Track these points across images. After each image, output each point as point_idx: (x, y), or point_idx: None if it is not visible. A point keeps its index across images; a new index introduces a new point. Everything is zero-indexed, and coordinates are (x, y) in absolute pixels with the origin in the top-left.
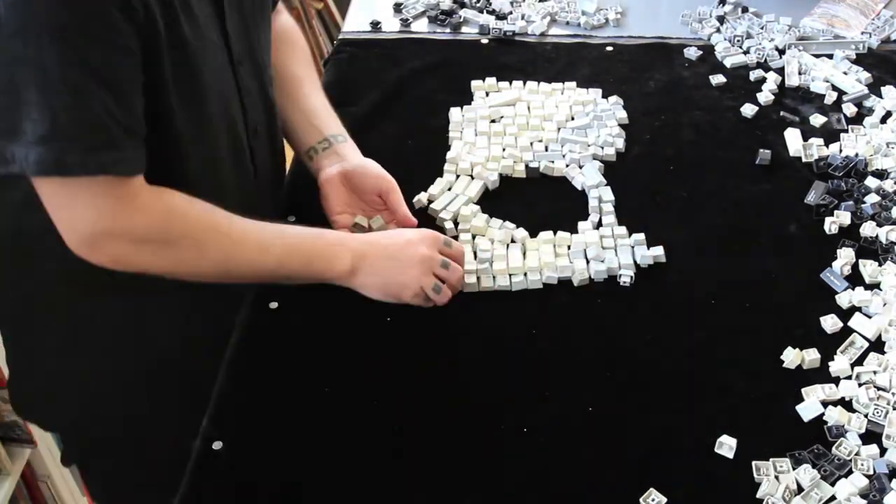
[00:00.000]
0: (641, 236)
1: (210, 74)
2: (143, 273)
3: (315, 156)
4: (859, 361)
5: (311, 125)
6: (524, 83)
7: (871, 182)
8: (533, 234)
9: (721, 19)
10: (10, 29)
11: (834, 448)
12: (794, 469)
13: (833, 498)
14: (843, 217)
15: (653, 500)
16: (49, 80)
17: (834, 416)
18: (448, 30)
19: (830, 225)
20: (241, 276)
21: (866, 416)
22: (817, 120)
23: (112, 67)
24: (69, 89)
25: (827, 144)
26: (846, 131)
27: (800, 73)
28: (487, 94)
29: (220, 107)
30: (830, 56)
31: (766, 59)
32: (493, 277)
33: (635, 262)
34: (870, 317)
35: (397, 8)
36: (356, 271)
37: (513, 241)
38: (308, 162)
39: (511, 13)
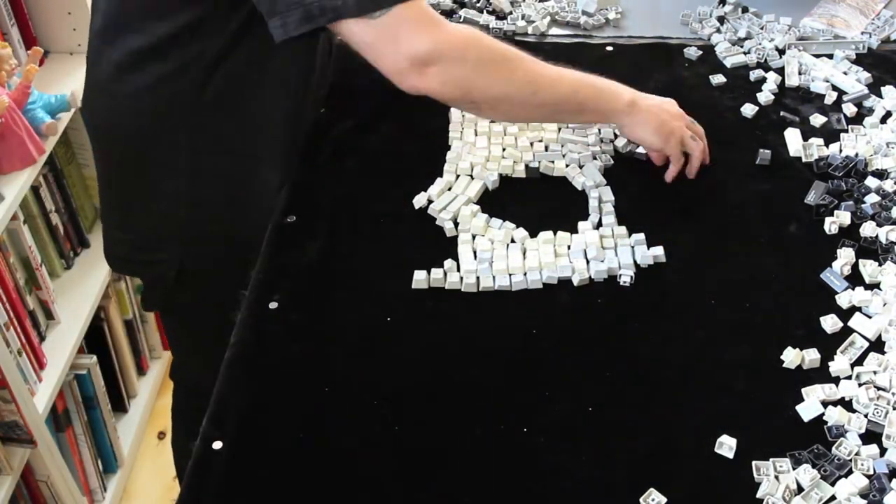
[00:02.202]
0: (641, 236)
1: None
2: (467, 100)
3: None
4: (859, 361)
5: None
6: None
7: (871, 182)
8: (533, 234)
9: (721, 19)
10: None
11: (834, 448)
12: (794, 469)
13: (833, 498)
14: (843, 217)
15: (653, 500)
16: None
17: (834, 416)
18: None
19: (830, 225)
20: (542, 99)
21: (866, 416)
22: (817, 120)
23: None
24: None
25: (827, 144)
26: (846, 131)
27: (800, 73)
28: None
29: None
30: (830, 56)
31: (766, 59)
32: (493, 277)
33: (635, 262)
34: (870, 317)
35: None
36: (635, 109)
37: (513, 241)
38: None
39: (511, 13)
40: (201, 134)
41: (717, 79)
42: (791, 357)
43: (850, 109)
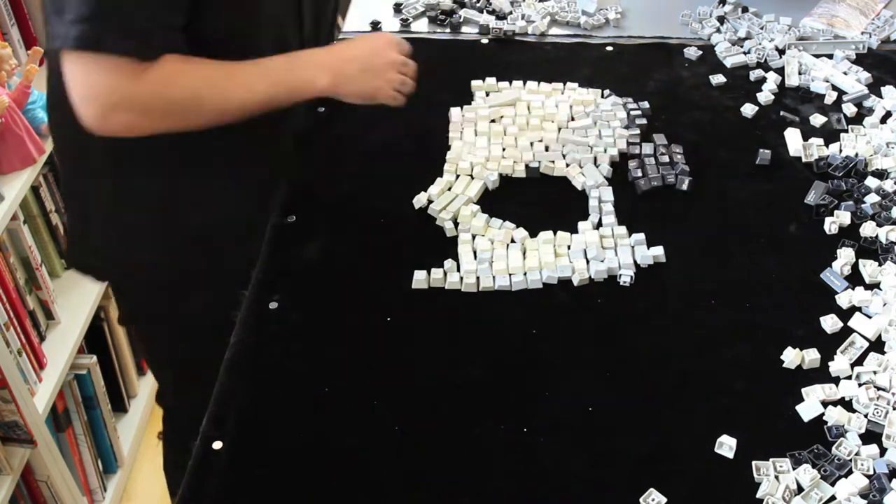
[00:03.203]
0: (641, 236)
1: None
2: (152, 134)
3: None
4: (859, 361)
5: None
6: (524, 83)
7: (871, 182)
8: (533, 234)
9: (721, 19)
10: None
11: (834, 448)
12: (794, 469)
13: (833, 498)
14: (843, 217)
15: (653, 500)
16: None
17: (834, 416)
18: (448, 30)
19: (830, 225)
20: (235, 117)
21: (866, 416)
22: (817, 120)
23: None
24: None
25: (827, 144)
26: (846, 131)
27: (800, 73)
28: (487, 94)
29: (270, 15)
30: (830, 56)
31: (766, 59)
32: (493, 277)
33: (635, 262)
34: (870, 317)
35: (397, 8)
36: (336, 86)
37: (513, 241)
38: None
39: (511, 13)
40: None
41: (717, 79)
42: (791, 357)
43: (850, 109)
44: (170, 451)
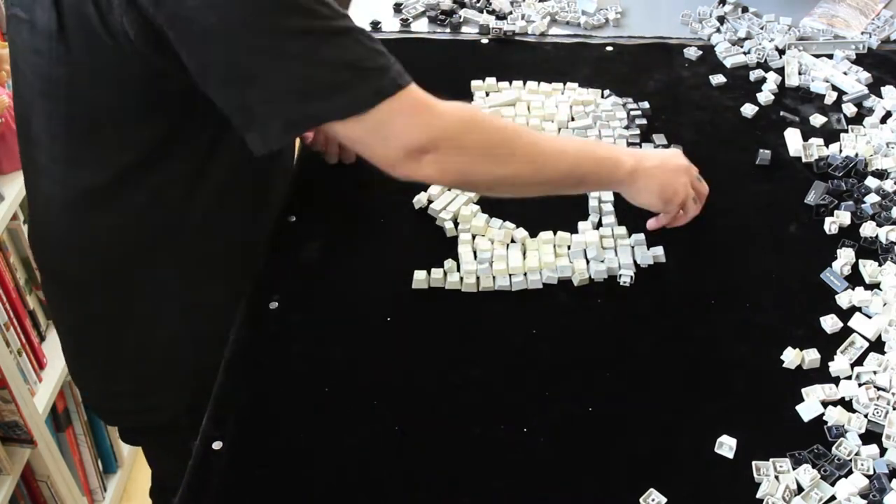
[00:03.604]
0: (641, 236)
1: None
2: (465, 184)
3: None
4: (859, 361)
5: None
6: (524, 83)
7: (871, 182)
8: (533, 234)
9: (721, 19)
10: (273, 10)
11: (834, 448)
12: (794, 469)
13: (833, 498)
14: (843, 217)
15: (653, 500)
16: (318, 35)
17: (834, 416)
18: (448, 30)
19: (830, 225)
20: (544, 177)
21: (866, 416)
22: (817, 120)
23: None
24: (339, 34)
25: (827, 144)
26: (846, 131)
27: (800, 73)
28: (487, 94)
29: None
30: (830, 56)
31: (766, 59)
32: (493, 277)
33: (635, 262)
34: (870, 317)
35: (397, 8)
36: (636, 175)
37: (513, 241)
38: None
39: (511, 13)
40: (190, 260)
41: (717, 79)
42: (791, 357)
43: (850, 109)
44: None
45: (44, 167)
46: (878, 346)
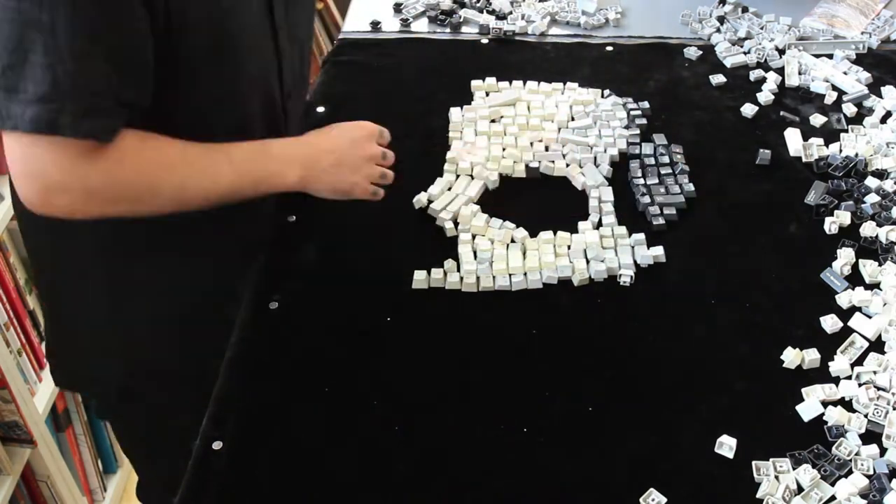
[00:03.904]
0: (641, 236)
1: (251, 39)
2: (97, 218)
3: None
4: (859, 361)
5: None
6: (524, 83)
7: (871, 182)
8: (533, 234)
9: (721, 19)
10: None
11: (834, 448)
12: (794, 469)
13: (833, 498)
14: (843, 217)
15: (653, 500)
16: (57, 45)
17: (834, 416)
18: (448, 30)
19: (830, 225)
20: (196, 206)
21: (866, 416)
22: (817, 120)
23: (119, 44)
24: (74, 56)
25: (827, 144)
26: (846, 131)
27: (800, 73)
28: (487, 94)
29: (256, 70)
30: (830, 56)
31: (766, 59)
32: (493, 277)
33: (635, 262)
34: (870, 317)
35: (397, 8)
36: (306, 181)
37: (513, 241)
38: None
39: (511, 13)
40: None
41: (717, 79)
42: (791, 357)
43: (850, 109)
44: None
45: None
46: (878, 346)
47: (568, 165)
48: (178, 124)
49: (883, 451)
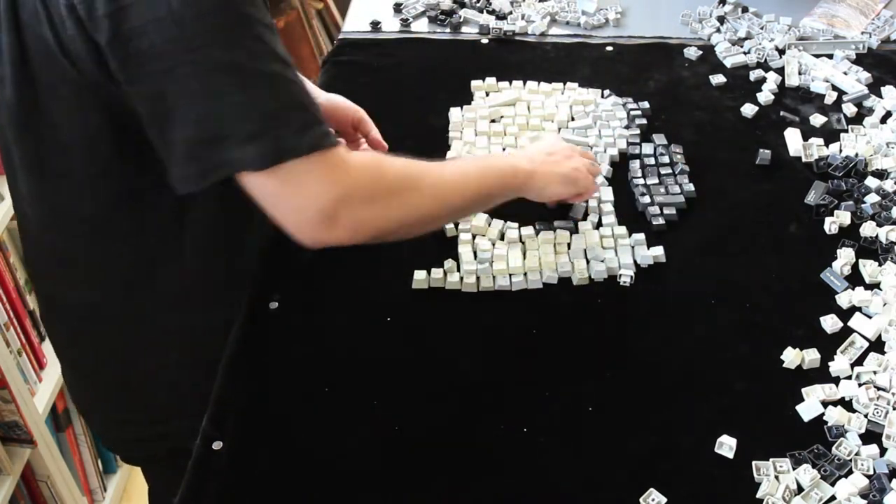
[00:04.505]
0: (641, 236)
1: None
2: (380, 238)
3: None
4: (859, 361)
5: None
6: (524, 83)
7: (871, 182)
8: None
9: (721, 19)
10: (200, 40)
11: (834, 448)
12: (794, 469)
13: (833, 498)
14: (843, 217)
15: (653, 500)
16: (248, 77)
17: (834, 416)
18: (448, 30)
19: (830, 225)
20: (453, 207)
21: (866, 416)
22: (817, 120)
23: (282, 49)
24: (267, 80)
25: (827, 144)
26: (846, 131)
27: (800, 73)
28: (487, 94)
29: None
30: (830, 56)
31: (766, 59)
32: (493, 277)
33: (635, 262)
34: (870, 317)
35: (397, 8)
36: (535, 174)
37: (513, 241)
38: None
39: (511, 13)
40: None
41: (717, 79)
42: (791, 357)
43: (850, 109)
44: None
45: (26, 195)
46: (878, 346)
47: None
48: None
49: (883, 451)
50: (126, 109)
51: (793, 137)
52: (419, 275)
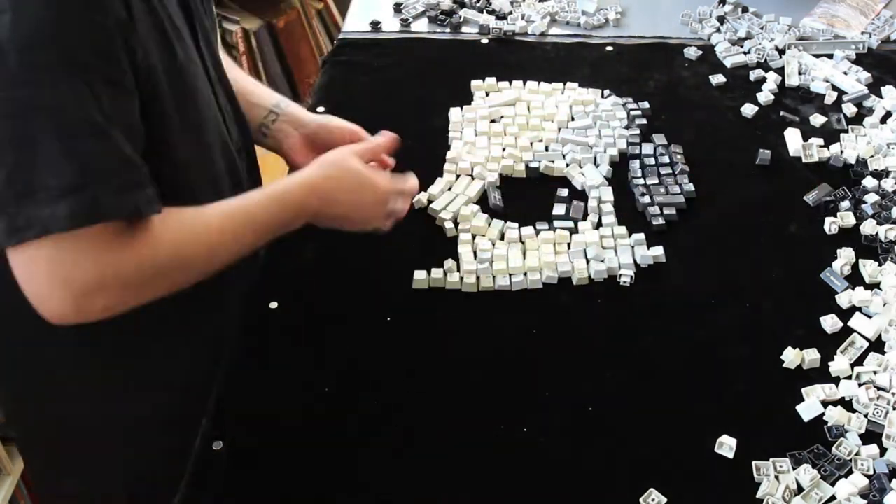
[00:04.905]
0: (641, 236)
1: (202, 97)
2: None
3: (268, 131)
4: (859, 361)
5: (250, 104)
6: (524, 83)
7: (871, 182)
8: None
9: (721, 19)
10: (22, 76)
11: (834, 448)
12: (794, 469)
13: (833, 498)
14: (843, 217)
15: (653, 500)
16: (70, 123)
17: (834, 416)
18: (448, 30)
19: (830, 225)
20: (222, 268)
21: (866, 416)
22: (817, 120)
23: (121, 106)
24: (92, 130)
25: (827, 144)
26: (846, 131)
27: (800, 73)
28: (487, 94)
29: (213, 128)
30: (830, 56)
31: (766, 59)
32: (493, 277)
33: (635, 262)
34: (870, 317)
35: (397, 8)
36: (318, 218)
37: (513, 241)
38: (264, 140)
39: (511, 13)
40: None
41: (717, 79)
42: (791, 357)
43: (850, 109)
44: None
45: None
46: (878, 346)
47: (568, 165)
48: (164, 189)
49: (883, 451)
50: None
51: (793, 137)
52: (419, 275)
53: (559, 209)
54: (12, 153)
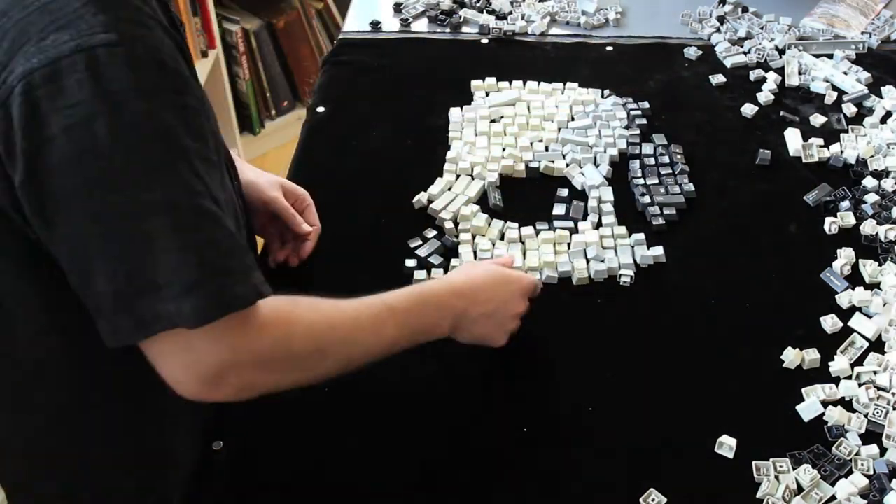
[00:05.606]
0: (641, 236)
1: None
2: (264, 393)
3: None
4: (859, 361)
5: None
6: (524, 83)
7: (871, 182)
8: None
9: (721, 19)
10: (131, 176)
11: (834, 448)
12: (794, 469)
13: (833, 498)
14: (843, 217)
15: (653, 500)
16: (183, 217)
17: (834, 416)
18: (448, 30)
19: (830, 225)
20: (359, 364)
21: (866, 416)
22: (817, 120)
23: (218, 182)
24: (205, 218)
25: (827, 144)
26: (846, 131)
27: (800, 73)
28: (487, 94)
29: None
30: (830, 56)
31: (766, 59)
32: None
33: (635, 262)
34: (870, 317)
35: (397, 8)
36: (454, 333)
37: (513, 241)
38: None
39: (511, 13)
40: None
41: (717, 79)
42: (791, 357)
43: (850, 109)
44: None
45: None
46: (878, 346)
47: (568, 165)
48: None
49: (883, 451)
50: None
51: (793, 137)
52: (419, 275)
53: (559, 209)
54: (131, 253)
